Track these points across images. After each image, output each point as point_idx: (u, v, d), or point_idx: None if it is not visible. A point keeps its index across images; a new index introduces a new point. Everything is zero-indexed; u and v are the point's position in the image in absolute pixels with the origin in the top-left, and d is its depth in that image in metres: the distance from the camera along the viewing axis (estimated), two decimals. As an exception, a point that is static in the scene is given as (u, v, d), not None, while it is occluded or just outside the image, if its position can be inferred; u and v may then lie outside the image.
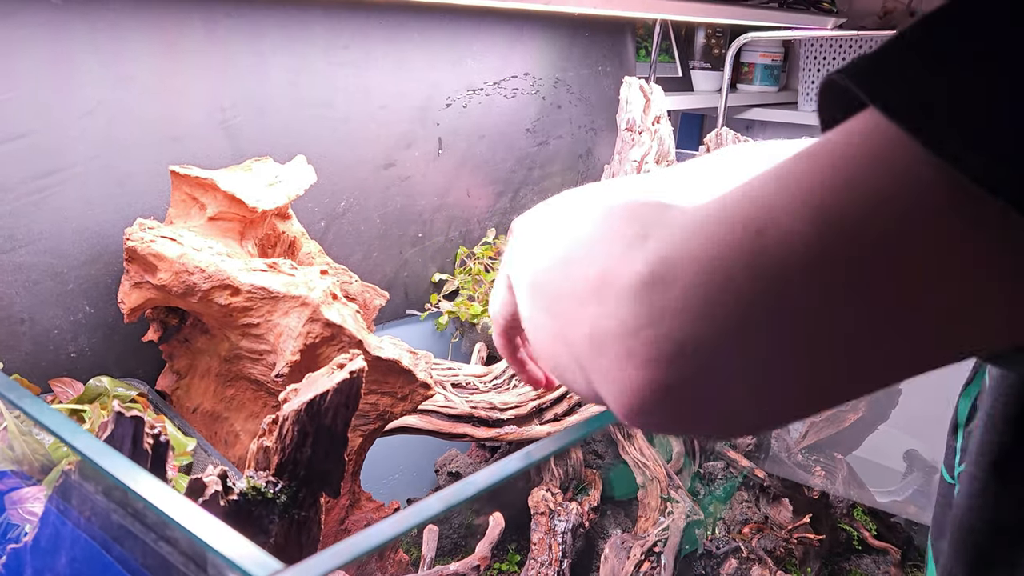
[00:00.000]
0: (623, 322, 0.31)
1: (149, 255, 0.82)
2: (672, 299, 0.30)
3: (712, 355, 0.30)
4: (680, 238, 0.32)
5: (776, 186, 0.32)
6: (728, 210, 0.32)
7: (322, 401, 0.64)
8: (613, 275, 0.33)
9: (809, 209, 0.30)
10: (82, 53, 0.90)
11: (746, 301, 0.30)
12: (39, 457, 0.76)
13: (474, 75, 1.34)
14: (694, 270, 0.30)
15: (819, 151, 0.32)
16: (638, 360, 0.31)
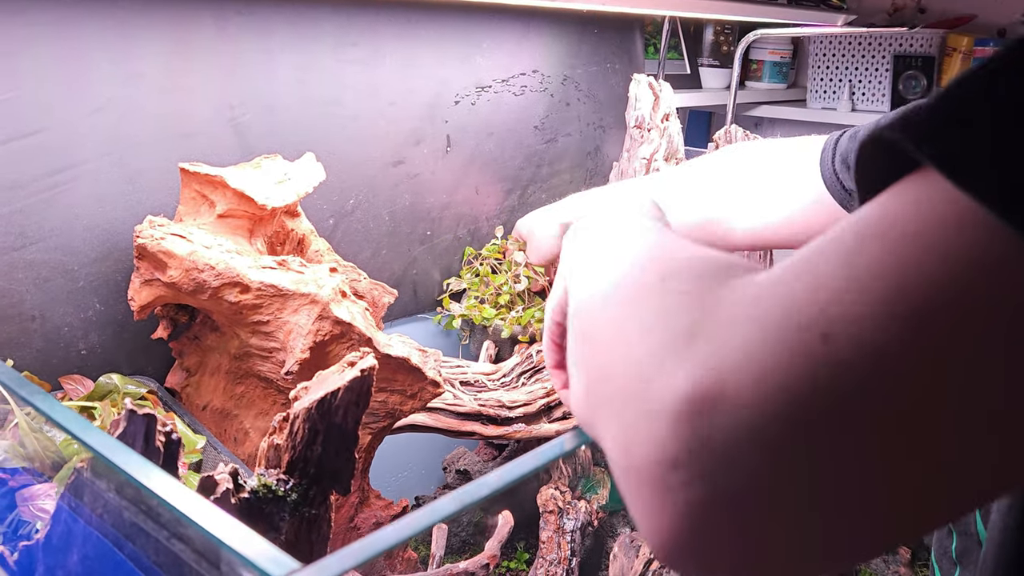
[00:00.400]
0: (660, 447, 0.26)
1: (159, 252, 0.82)
2: (718, 429, 0.25)
3: (762, 504, 0.25)
4: (732, 343, 0.27)
5: (845, 274, 0.27)
6: (791, 300, 0.27)
7: (333, 399, 0.64)
8: (654, 382, 0.28)
9: (883, 305, 0.25)
10: (92, 50, 0.90)
11: (807, 434, 0.25)
12: (50, 454, 0.76)
13: (483, 72, 1.34)
14: (748, 390, 0.26)
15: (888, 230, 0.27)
16: (674, 501, 0.26)
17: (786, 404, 0.25)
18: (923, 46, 2.23)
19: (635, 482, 0.27)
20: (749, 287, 0.29)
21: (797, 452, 0.25)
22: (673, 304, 0.30)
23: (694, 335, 0.28)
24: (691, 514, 0.26)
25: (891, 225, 0.27)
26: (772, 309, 0.27)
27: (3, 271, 0.87)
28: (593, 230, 0.44)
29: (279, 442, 0.67)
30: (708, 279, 0.31)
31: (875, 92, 2.32)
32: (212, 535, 0.30)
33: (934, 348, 0.25)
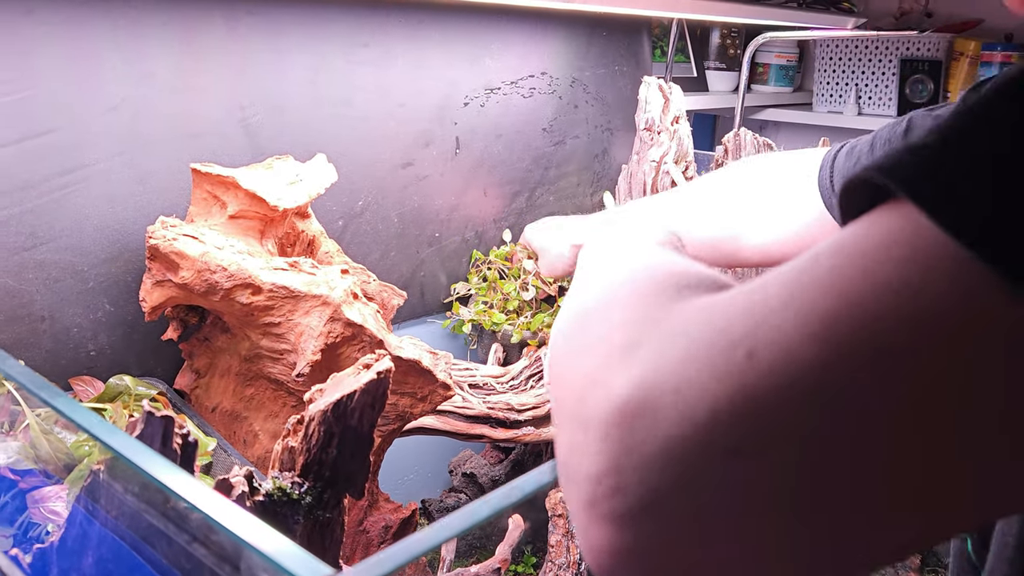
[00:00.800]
0: (590, 459, 0.26)
1: (171, 253, 0.81)
2: (643, 440, 0.25)
3: (680, 516, 0.25)
4: (668, 354, 0.26)
5: (787, 292, 0.26)
6: (726, 316, 0.27)
7: (349, 401, 0.64)
8: (595, 389, 0.27)
9: (820, 323, 0.25)
10: (105, 50, 0.90)
11: (724, 447, 0.24)
12: (61, 456, 0.75)
13: (492, 74, 1.34)
14: (670, 402, 0.25)
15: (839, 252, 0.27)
16: (598, 513, 0.26)
17: (706, 420, 0.25)
18: (930, 50, 2.23)
19: (572, 495, 0.27)
20: (699, 304, 0.29)
21: (713, 469, 0.25)
22: (619, 319, 0.30)
23: (631, 349, 0.28)
24: (615, 528, 0.25)
25: (842, 247, 0.27)
26: (710, 323, 0.27)
27: (13, 271, 0.87)
28: (601, 250, 0.44)
29: (294, 444, 0.66)
30: (666, 295, 0.30)
31: (882, 96, 2.32)
32: (244, 540, 0.30)
33: (857, 375, 0.24)
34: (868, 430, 0.24)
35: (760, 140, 1.41)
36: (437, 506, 1.29)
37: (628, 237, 0.43)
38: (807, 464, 0.24)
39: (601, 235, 0.47)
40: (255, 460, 0.96)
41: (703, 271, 0.34)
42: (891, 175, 0.26)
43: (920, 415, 0.24)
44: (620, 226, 0.47)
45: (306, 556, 0.29)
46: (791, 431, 0.24)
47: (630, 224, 0.47)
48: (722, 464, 0.24)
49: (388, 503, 1.02)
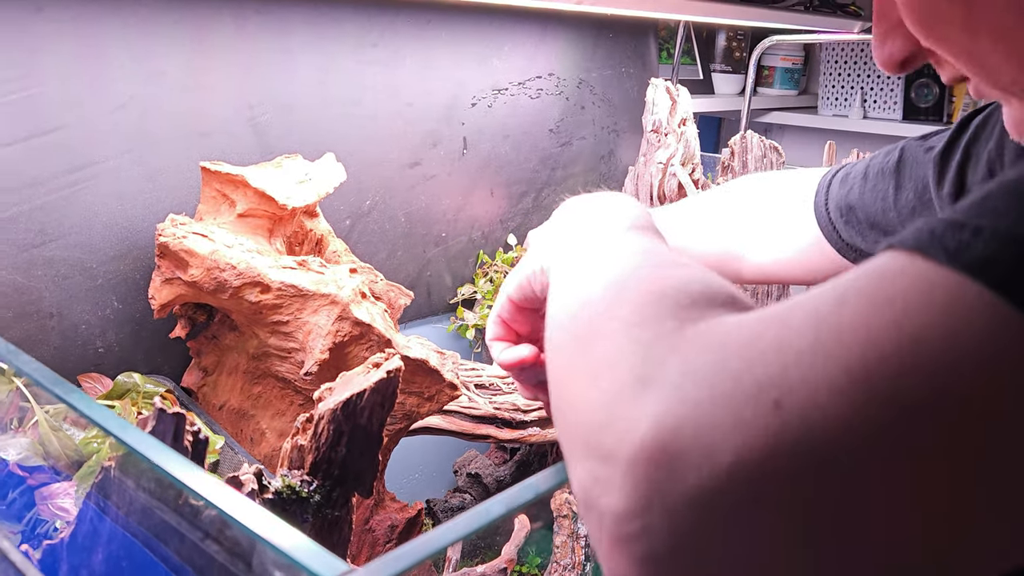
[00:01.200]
0: (615, 496, 0.26)
1: (181, 251, 0.81)
2: (669, 484, 0.25)
3: (706, 562, 0.25)
4: (690, 393, 0.26)
5: (813, 335, 0.26)
6: (749, 353, 0.26)
7: (358, 400, 0.64)
8: (612, 422, 0.27)
9: (847, 377, 0.25)
10: (114, 48, 0.90)
11: (748, 498, 0.24)
12: (69, 453, 0.76)
13: (499, 75, 1.34)
14: (694, 446, 0.25)
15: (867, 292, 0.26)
16: (626, 551, 0.26)
17: (730, 469, 0.25)
18: (936, 54, 2.22)
19: (594, 522, 0.28)
20: (714, 332, 0.28)
21: (737, 519, 0.25)
22: (631, 344, 0.30)
23: (647, 381, 0.28)
24: (643, 567, 0.26)
25: (876, 288, 0.26)
26: (730, 362, 0.26)
27: (22, 268, 0.87)
28: (581, 233, 0.43)
29: (303, 443, 0.66)
30: (673, 317, 0.30)
31: (887, 100, 2.32)
32: (261, 536, 0.30)
33: (889, 434, 0.24)
34: (894, 488, 0.24)
35: (767, 143, 1.41)
36: (442, 506, 1.28)
37: (617, 227, 0.43)
38: (830, 521, 0.24)
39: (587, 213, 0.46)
40: (262, 458, 0.96)
41: (707, 279, 0.33)
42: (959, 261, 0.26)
43: (947, 474, 0.24)
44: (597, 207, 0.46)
45: (322, 552, 0.29)
46: (813, 488, 0.24)
47: (606, 206, 0.46)
48: (746, 514, 0.25)
49: (394, 502, 1.02)
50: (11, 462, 0.73)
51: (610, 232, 0.42)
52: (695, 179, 1.34)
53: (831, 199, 0.76)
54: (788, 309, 0.28)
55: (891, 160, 0.73)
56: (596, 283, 0.35)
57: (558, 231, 0.47)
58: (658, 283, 0.33)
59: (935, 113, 2.25)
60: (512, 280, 0.54)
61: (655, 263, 0.36)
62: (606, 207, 0.46)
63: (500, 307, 0.56)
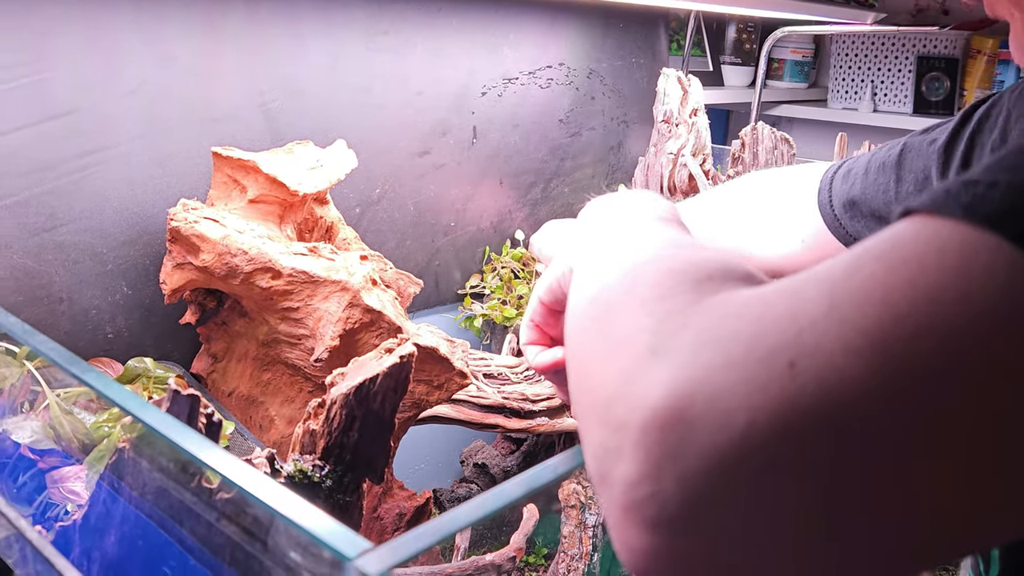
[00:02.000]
0: (626, 463, 0.26)
1: (193, 236, 0.81)
2: (681, 449, 0.25)
3: (717, 526, 0.25)
4: (703, 358, 0.26)
5: (828, 300, 0.25)
6: (764, 321, 0.26)
7: (371, 385, 0.64)
8: (625, 391, 0.27)
9: (864, 338, 0.24)
10: (125, 32, 0.90)
11: (761, 462, 0.24)
12: (80, 436, 0.76)
13: (510, 64, 1.33)
14: (707, 411, 0.25)
15: (886, 255, 0.26)
16: (635, 518, 0.26)
17: (743, 433, 0.24)
18: (947, 48, 2.21)
19: (606, 495, 0.27)
20: (729, 303, 0.28)
21: (749, 483, 0.24)
22: (644, 312, 0.29)
23: (661, 349, 0.27)
24: (653, 533, 0.25)
25: (889, 250, 0.26)
26: (746, 327, 0.26)
27: (33, 252, 0.87)
28: (605, 229, 0.43)
29: (315, 427, 0.66)
30: (689, 291, 0.30)
31: (897, 93, 2.30)
32: (283, 515, 0.30)
33: (901, 394, 0.23)
34: (911, 450, 0.24)
35: (777, 134, 1.41)
36: (448, 496, 1.28)
37: (641, 218, 0.43)
38: (846, 485, 0.24)
39: (611, 208, 0.46)
40: (270, 445, 0.96)
41: (726, 259, 0.33)
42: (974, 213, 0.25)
43: (966, 434, 0.24)
44: (622, 204, 0.46)
45: (346, 530, 0.29)
46: (829, 451, 0.24)
47: (631, 202, 0.46)
48: (758, 479, 0.24)
49: (403, 491, 1.02)
50: (22, 445, 0.73)
51: (633, 224, 0.42)
52: (705, 170, 1.34)
53: (835, 195, 0.76)
54: (803, 280, 0.27)
55: (892, 154, 0.72)
56: (616, 268, 0.35)
57: (584, 231, 0.46)
58: (675, 261, 0.33)
59: (946, 107, 2.23)
60: (542, 283, 0.54)
61: (675, 245, 0.36)
62: (631, 204, 0.46)
63: (532, 311, 0.56)
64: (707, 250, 0.35)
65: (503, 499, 0.33)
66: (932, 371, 0.23)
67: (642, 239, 0.38)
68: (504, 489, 0.34)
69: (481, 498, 0.33)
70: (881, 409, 0.24)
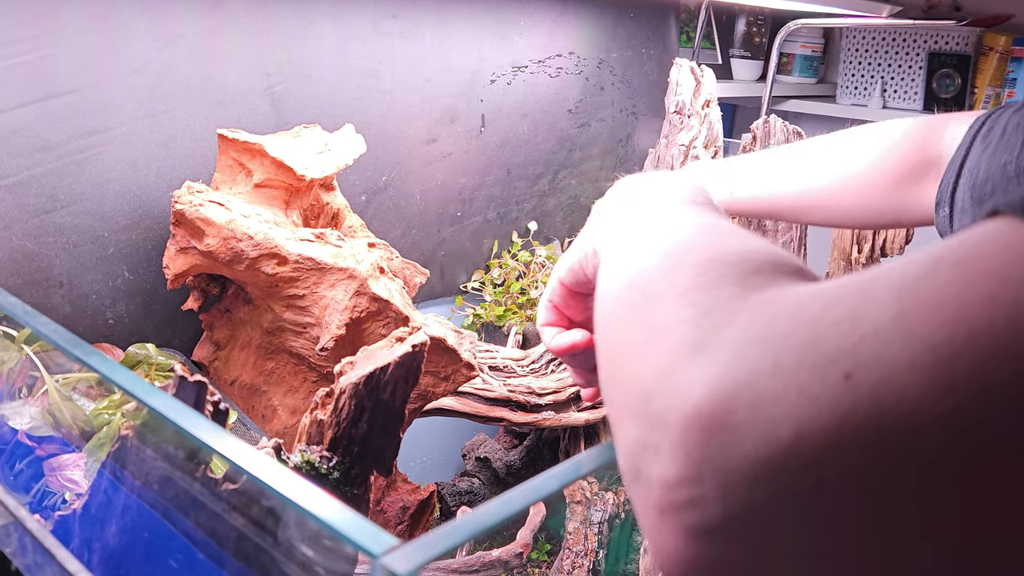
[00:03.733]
0: (664, 463, 0.25)
1: (197, 219, 0.79)
2: (723, 454, 0.24)
3: (759, 537, 0.24)
4: (750, 361, 0.24)
5: (896, 308, 0.23)
6: (819, 325, 0.24)
7: (382, 375, 0.62)
8: (665, 387, 0.26)
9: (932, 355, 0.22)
10: (130, 9, 0.88)
11: (807, 476, 0.23)
12: (79, 423, 0.73)
13: (519, 52, 1.31)
14: (752, 416, 0.23)
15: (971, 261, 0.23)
16: (674, 522, 0.25)
17: (790, 444, 0.23)
18: (959, 44, 2.19)
19: (639, 493, 0.26)
20: (782, 301, 0.26)
21: (793, 496, 0.23)
22: (687, 309, 0.28)
23: (703, 345, 0.26)
24: (691, 539, 0.25)
25: (969, 257, 0.23)
26: (797, 331, 0.24)
27: (32, 234, 0.84)
28: (634, 210, 0.41)
29: (323, 417, 0.64)
30: (735, 284, 0.28)
31: (907, 90, 2.28)
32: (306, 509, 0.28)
33: (973, 423, 0.21)
34: (972, 479, 0.22)
35: (790, 128, 1.39)
36: (450, 489, 1.27)
37: (671, 201, 0.41)
38: (898, 509, 0.22)
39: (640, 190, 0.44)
40: (273, 435, 0.94)
41: (773, 250, 0.31)
42: None
43: None
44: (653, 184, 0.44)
45: (373, 527, 0.27)
46: (882, 475, 0.22)
47: (662, 182, 0.44)
48: (804, 495, 0.23)
49: (406, 484, 1.00)
50: (20, 431, 0.71)
51: (665, 206, 0.40)
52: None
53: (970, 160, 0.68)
54: (869, 280, 0.25)
55: None
56: (651, 252, 0.33)
57: (611, 210, 0.45)
58: (718, 249, 0.31)
59: (956, 104, 2.21)
60: (564, 263, 0.52)
61: (715, 232, 0.34)
62: (661, 184, 0.44)
63: (552, 291, 0.54)
64: (751, 238, 0.33)
65: (534, 494, 0.31)
66: (1005, 398, 0.21)
67: (678, 222, 0.36)
68: (536, 484, 0.32)
69: (510, 493, 0.31)
70: (942, 435, 0.22)
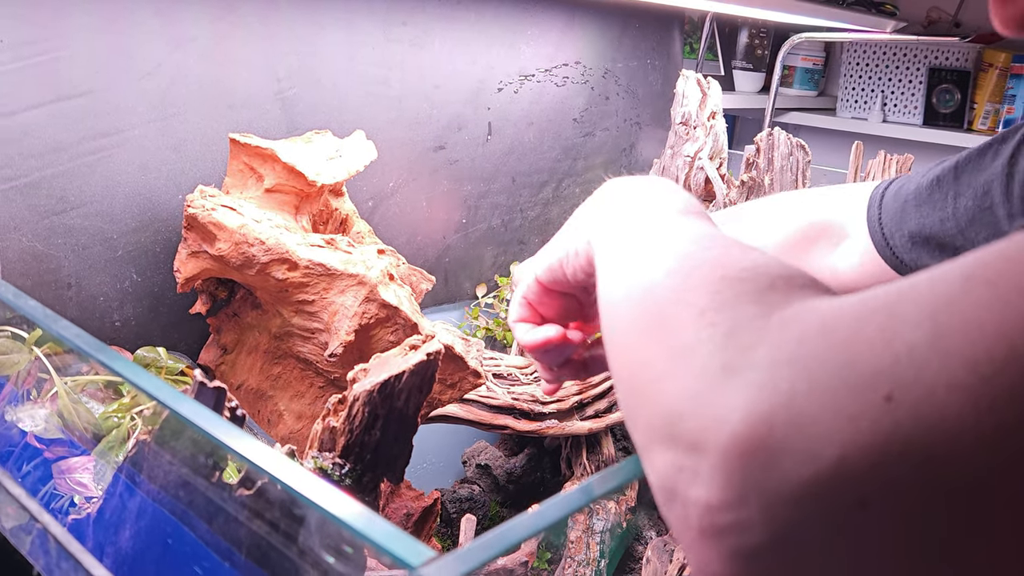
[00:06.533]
0: (705, 486, 0.25)
1: (209, 223, 0.79)
2: (767, 479, 0.24)
3: (806, 559, 0.23)
4: (787, 382, 0.24)
5: (931, 326, 0.23)
6: (854, 344, 0.24)
7: (396, 382, 0.62)
8: (698, 410, 0.26)
9: (972, 374, 0.22)
10: (142, 12, 0.88)
11: (852, 498, 0.23)
12: (89, 426, 0.73)
13: (526, 60, 1.31)
14: (794, 440, 0.23)
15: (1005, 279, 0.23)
16: (717, 544, 0.25)
17: (834, 466, 0.23)
18: (959, 60, 2.21)
19: (680, 516, 0.26)
20: (807, 319, 0.26)
21: (839, 518, 0.23)
22: (708, 330, 0.28)
23: (735, 367, 0.26)
24: (736, 563, 0.25)
25: (1003, 275, 0.23)
26: (830, 351, 0.24)
27: (42, 235, 0.84)
28: (630, 216, 0.40)
29: (335, 424, 0.64)
30: (754, 301, 0.28)
31: (907, 104, 2.30)
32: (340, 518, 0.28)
33: (1017, 442, 0.21)
34: (1017, 500, 0.22)
35: (793, 140, 1.40)
36: (450, 496, 1.26)
37: (667, 209, 0.40)
38: (943, 530, 0.22)
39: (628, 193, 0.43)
40: (279, 440, 0.94)
41: (781, 262, 0.31)
42: None
43: None
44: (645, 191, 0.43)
45: (411, 539, 0.27)
46: (926, 495, 0.22)
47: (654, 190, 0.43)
48: (848, 516, 0.23)
49: (410, 490, 1.00)
50: (29, 433, 0.70)
51: (663, 216, 0.39)
52: (722, 174, 1.32)
53: (884, 212, 0.72)
54: (895, 297, 0.25)
55: (946, 168, 0.68)
56: (657, 268, 0.33)
57: (602, 212, 0.44)
58: (728, 265, 0.31)
59: (956, 119, 2.23)
60: (542, 261, 0.51)
61: (718, 245, 0.34)
62: (654, 191, 0.43)
63: (527, 288, 0.54)
64: (754, 251, 0.33)
65: (567, 507, 0.31)
66: None
67: (680, 234, 0.36)
68: (568, 497, 0.32)
69: (545, 505, 0.31)
70: (987, 453, 0.22)
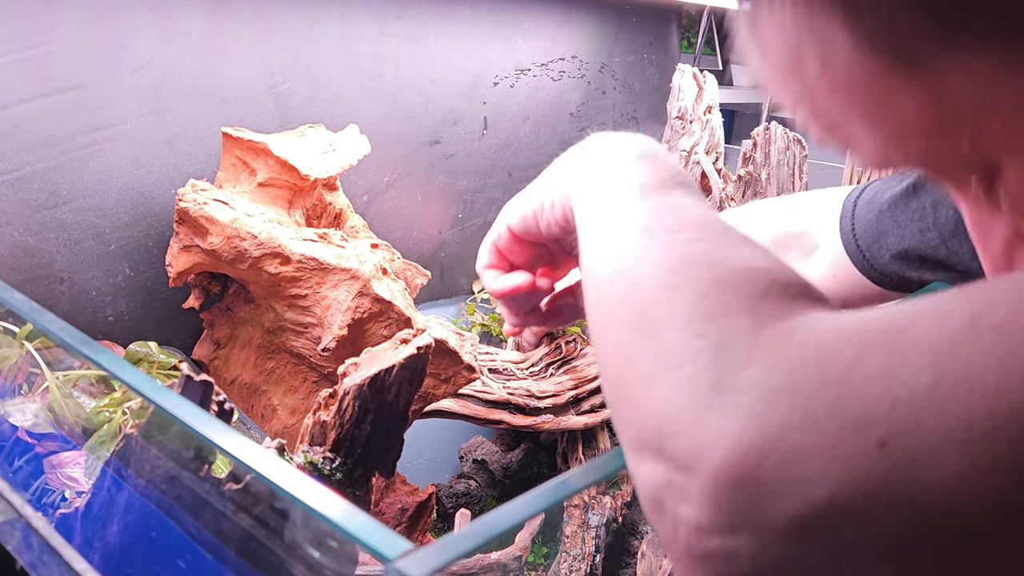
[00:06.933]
0: (694, 507, 0.25)
1: (201, 218, 0.79)
2: (757, 511, 0.23)
3: None
4: (778, 414, 0.23)
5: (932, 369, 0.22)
6: (850, 380, 0.23)
7: (386, 376, 0.62)
8: (686, 429, 0.25)
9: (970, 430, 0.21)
10: (136, 5, 0.87)
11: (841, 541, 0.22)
12: (80, 421, 0.73)
13: (523, 55, 1.31)
14: (785, 475, 0.23)
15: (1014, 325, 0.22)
16: (704, 567, 0.25)
17: (825, 508, 0.22)
18: (956, 54, 2.19)
19: (668, 528, 0.26)
20: (800, 341, 0.25)
21: (828, 560, 0.23)
22: (697, 340, 0.27)
23: (724, 391, 0.25)
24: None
25: (1013, 320, 0.22)
26: (824, 385, 0.23)
27: (34, 230, 0.84)
28: (617, 180, 0.38)
29: (326, 419, 0.64)
30: (745, 312, 0.27)
31: (904, 99, 2.29)
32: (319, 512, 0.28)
33: (1014, 505, 0.21)
34: (1015, 558, 0.21)
35: (790, 135, 1.39)
36: (447, 491, 1.26)
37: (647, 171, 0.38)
38: None
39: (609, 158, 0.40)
40: (272, 435, 0.94)
41: (774, 266, 0.30)
42: None
43: None
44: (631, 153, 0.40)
45: (388, 532, 0.27)
46: (918, 543, 0.22)
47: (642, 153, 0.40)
48: (837, 557, 0.23)
49: (404, 485, 1.00)
50: (20, 428, 0.70)
51: (649, 186, 0.37)
52: (718, 168, 1.32)
53: (858, 221, 0.70)
54: (896, 333, 0.24)
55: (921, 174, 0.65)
56: (642, 254, 0.32)
57: (584, 169, 0.42)
58: (718, 266, 0.30)
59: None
60: (515, 211, 0.49)
61: (708, 236, 0.32)
62: (639, 152, 0.40)
63: (496, 236, 0.52)
64: (745, 244, 0.32)
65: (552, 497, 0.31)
66: None
67: (665, 213, 0.34)
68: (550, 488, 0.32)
69: (524, 498, 0.31)
70: (985, 513, 0.21)
